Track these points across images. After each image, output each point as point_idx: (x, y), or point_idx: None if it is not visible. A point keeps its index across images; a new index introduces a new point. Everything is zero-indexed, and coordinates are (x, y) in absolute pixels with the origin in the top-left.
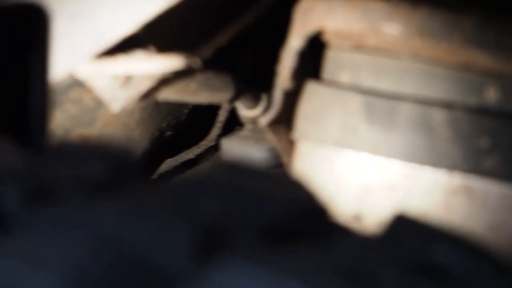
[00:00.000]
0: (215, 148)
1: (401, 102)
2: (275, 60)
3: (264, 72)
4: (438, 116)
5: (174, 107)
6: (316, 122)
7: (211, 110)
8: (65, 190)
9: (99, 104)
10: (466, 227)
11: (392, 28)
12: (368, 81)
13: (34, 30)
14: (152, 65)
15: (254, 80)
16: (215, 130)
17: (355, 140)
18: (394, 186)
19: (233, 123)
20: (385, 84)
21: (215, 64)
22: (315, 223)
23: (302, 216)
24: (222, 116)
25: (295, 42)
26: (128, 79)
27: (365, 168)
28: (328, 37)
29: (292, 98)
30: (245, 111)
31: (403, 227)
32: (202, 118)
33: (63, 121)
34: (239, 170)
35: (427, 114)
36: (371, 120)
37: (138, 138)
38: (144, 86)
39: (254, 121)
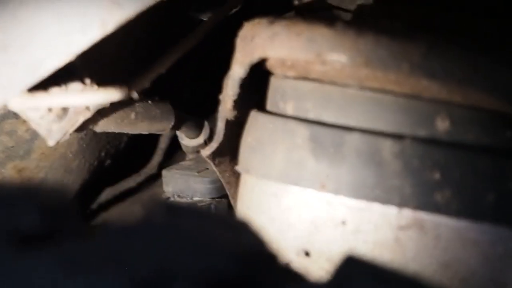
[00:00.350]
0: (157, 175)
1: (348, 134)
2: (219, 87)
3: (206, 100)
4: (387, 148)
5: (113, 136)
6: (261, 155)
7: (152, 137)
8: None
9: (34, 135)
10: (417, 264)
11: (337, 58)
12: (313, 112)
13: None
14: (88, 97)
15: (196, 108)
16: (156, 158)
17: (301, 175)
18: (344, 221)
19: (175, 149)
20: (331, 115)
21: (155, 92)
22: (262, 270)
23: (248, 263)
24: (163, 143)
25: (237, 70)
26: (63, 112)
27: (313, 203)
28: (272, 65)
29: (236, 128)
30: (186, 141)
31: (352, 271)
32: (142, 145)
33: None
34: (180, 212)
35: (376, 146)
36: (317, 153)
37: (77, 169)
38: (80, 118)
39: (196, 150)
